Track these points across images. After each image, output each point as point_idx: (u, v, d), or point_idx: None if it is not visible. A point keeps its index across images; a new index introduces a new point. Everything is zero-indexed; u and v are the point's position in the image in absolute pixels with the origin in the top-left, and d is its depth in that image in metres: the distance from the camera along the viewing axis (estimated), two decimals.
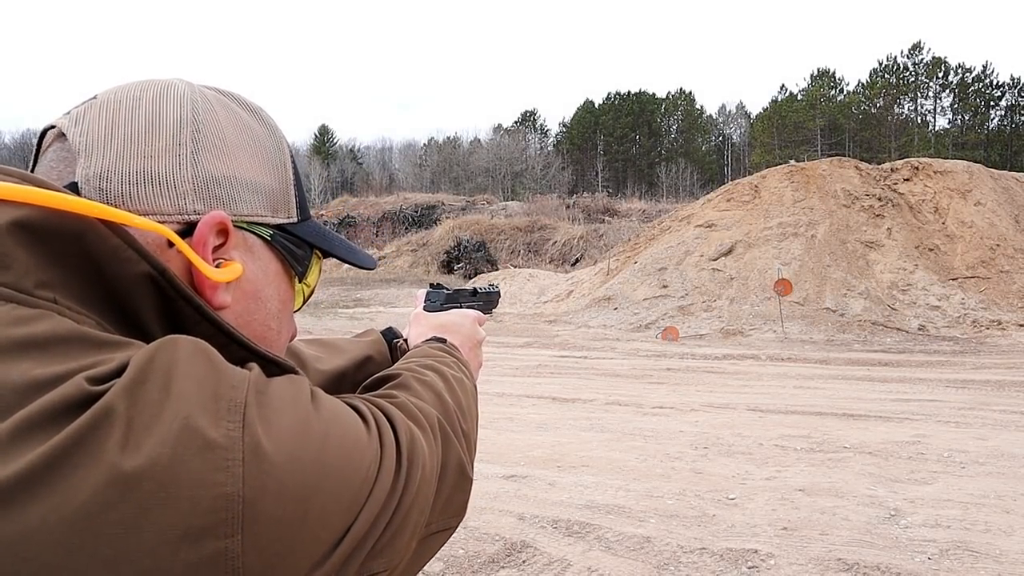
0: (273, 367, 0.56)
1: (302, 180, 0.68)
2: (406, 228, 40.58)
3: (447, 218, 38.60)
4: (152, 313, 0.52)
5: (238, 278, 0.59)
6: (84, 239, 0.49)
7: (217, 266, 0.57)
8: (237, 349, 0.55)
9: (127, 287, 0.51)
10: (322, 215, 41.15)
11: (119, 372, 0.45)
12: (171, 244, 0.55)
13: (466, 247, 29.52)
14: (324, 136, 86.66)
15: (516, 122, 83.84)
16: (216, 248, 0.58)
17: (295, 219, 0.65)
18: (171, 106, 0.58)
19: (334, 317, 18.24)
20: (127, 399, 0.43)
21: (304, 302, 0.71)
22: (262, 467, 0.45)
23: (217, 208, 0.58)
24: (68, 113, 0.59)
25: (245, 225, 0.61)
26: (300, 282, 0.68)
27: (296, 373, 0.57)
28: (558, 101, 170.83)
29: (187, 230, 0.56)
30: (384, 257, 36.82)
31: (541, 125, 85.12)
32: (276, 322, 0.64)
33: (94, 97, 0.59)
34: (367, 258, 0.77)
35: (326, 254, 0.70)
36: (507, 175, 66.82)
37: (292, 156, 0.67)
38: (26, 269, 0.47)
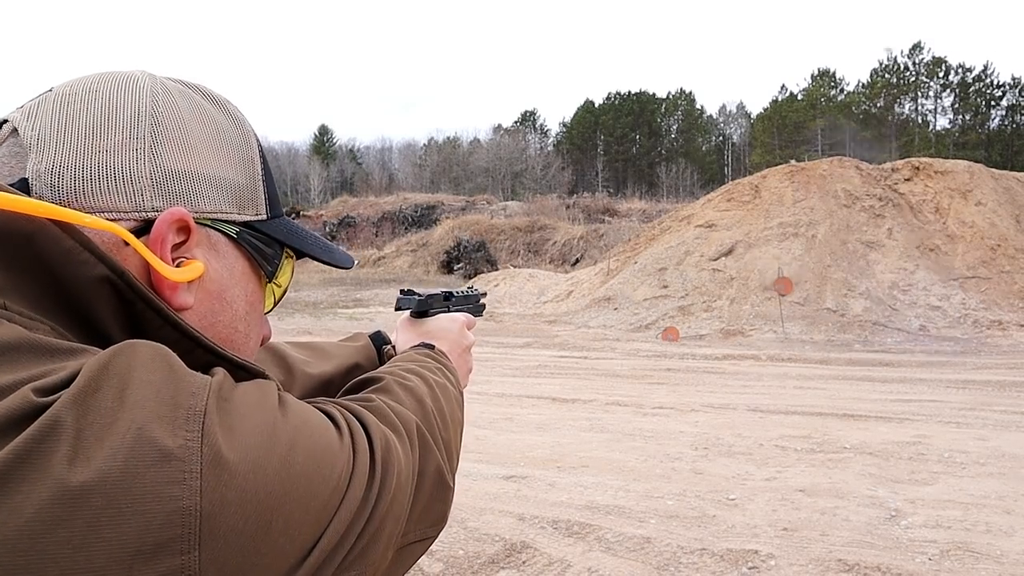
0: (241, 372, 0.53)
1: (273, 175, 0.65)
2: (406, 228, 40.57)
3: (447, 218, 38.59)
4: (111, 317, 0.50)
5: (199, 277, 0.56)
6: (34, 241, 0.47)
7: (178, 265, 0.55)
8: (203, 354, 0.52)
9: (83, 291, 0.49)
10: (321, 215, 41.17)
11: (70, 381, 0.42)
12: (127, 243, 0.52)
13: (466, 247, 29.51)
14: (324, 136, 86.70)
15: (516, 122, 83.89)
16: (177, 246, 0.55)
17: (264, 216, 0.62)
18: (129, 98, 0.55)
19: (334, 317, 18.24)
20: (76, 410, 0.41)
21: (276, 303, 0.67)
22: (221, 478, 0.43)
23: (177, 205, 0.55)
24: (22, 107, 0.56)
25: (208, 222, 0.58)
26: (270, 282, 0.65)
27: (265, 377, 0.54)
28: (558, 101, 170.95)
29: (145, 228, 0.54)
30: (384, 257, 36.81)
31: (541, 125, 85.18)
32: (244, 324, 0.62)
33: (50, 90, 0.57)
34: (344, 257, 0.73)
35: (299, 253, 0.67)
36: (507, 175, 66.82)
37: (261, 150, 0.64)
38: None
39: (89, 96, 0.55)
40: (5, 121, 0.56)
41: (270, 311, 0.67)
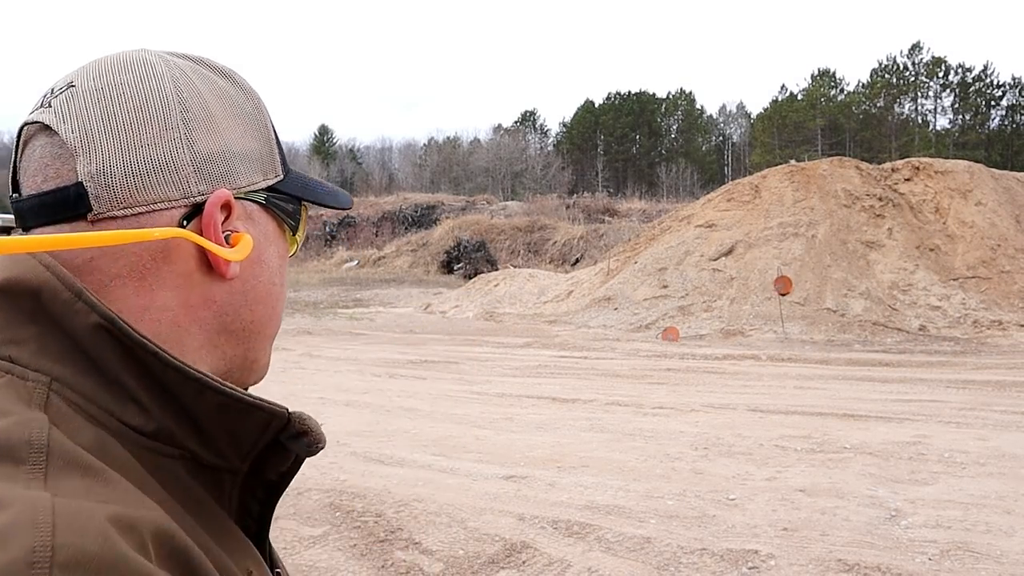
0: (257, 412, 0.55)
1: (279, 135, 0.68)
2: (406, 228, 40.56)
3: (447, 218, 38.58)
4: (119, 363, 0.52)
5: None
6: (40, 296, 0.51)
7: (226, 238, 0.59)
8: (213, 395, 0.53)
9: (86, 339, 0.51)
10: (322, 215, 41.17)
11: None
12: (184, 224, 0.57)
13: (466, 247, 29.50)
14: (324, 136, 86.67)
15: (516, 122, 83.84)
16: (221, 223, 0.60)
17: (281, 176, 0.66)
18: (154, 89, 0.58)
19: (334, 317, 18.23)
20: None
21: (297, 248, 0.72)
22: None
23: (219, 185, 0.59)
24: (48, 106, 0.57)
25: (243, 195, 0.62)
26: (293, 235, 0.69)
27: (281, 414, 0.57)
28: (558, 101, 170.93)
29: (194, 211, 0.58)
30: (384, 257, 36.80)
31: (541, 125, 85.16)
32: (278, 277, 0.66)
33: (71, 85, 0.58)
34: (345, 198, 0.76)
35: (312, 203, 0.71)
36: (507, 175, 66.79)
37: (268, 114, 0.67)
38: None
39: (118, 91, 0.57)
40: (33, 122, 0.57)
41: (292, 255, 0.71)
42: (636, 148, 78.14)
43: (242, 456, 0.57)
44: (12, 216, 0.60)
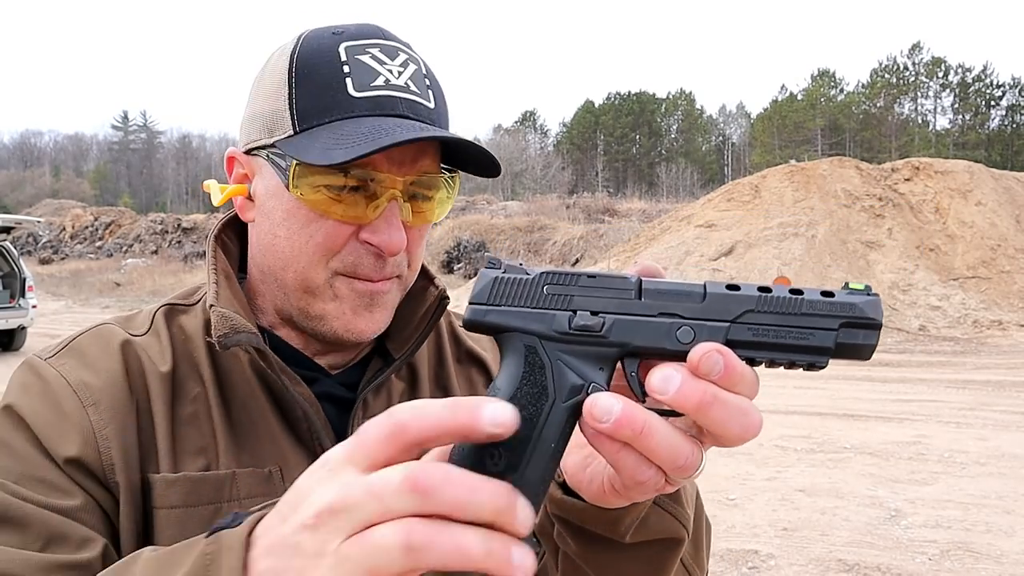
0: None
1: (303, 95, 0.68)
2: None
3: (447, 218, 38.58)
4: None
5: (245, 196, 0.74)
6: None
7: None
8: None
9: None
10: None
11: None
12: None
13: (466, 247, 29.49)
14: None
15: (516, 122, 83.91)
16: (237, 174, 0.75)
17: (291, 132, 0.68)
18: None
19: None
20: None
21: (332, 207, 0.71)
22: None
23: (242, 142, 0.75)
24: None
25: (249, 151, 0.73)
26: (288, 189, 0.68)
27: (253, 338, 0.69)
28: (558, 101, 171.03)
29: None
30: None
31: (541, 125, 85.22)
32: (281, 229, 0.70)
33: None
34: (340, 154, 0.65)
35: (299, 161, 0.66)
36: (507, 175, 66.79)
37: (299, 78, 0.68)
38: None
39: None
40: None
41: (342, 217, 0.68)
42: (636, 148, 78.15)
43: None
44: (12, 216, 0.61)
